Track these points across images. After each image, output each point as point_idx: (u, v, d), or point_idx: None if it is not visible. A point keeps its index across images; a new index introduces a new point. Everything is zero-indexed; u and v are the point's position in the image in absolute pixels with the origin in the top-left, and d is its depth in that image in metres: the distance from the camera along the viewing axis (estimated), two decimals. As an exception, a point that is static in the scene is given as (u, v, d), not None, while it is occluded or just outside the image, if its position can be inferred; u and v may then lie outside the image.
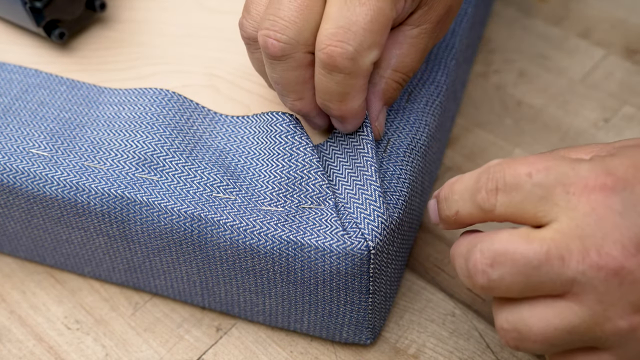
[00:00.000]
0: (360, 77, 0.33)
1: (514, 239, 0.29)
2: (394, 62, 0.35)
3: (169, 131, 0.38)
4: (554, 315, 0.29)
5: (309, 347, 0.40)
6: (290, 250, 0.35)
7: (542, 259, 0.28)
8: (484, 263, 0.30)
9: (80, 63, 0.43)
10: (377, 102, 0.36)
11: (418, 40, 0.35)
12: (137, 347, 0.41)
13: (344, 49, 0.32)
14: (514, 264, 0.29)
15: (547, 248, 0.28)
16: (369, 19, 0.32)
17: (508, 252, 0.29)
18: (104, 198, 0.37)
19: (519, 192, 0.30)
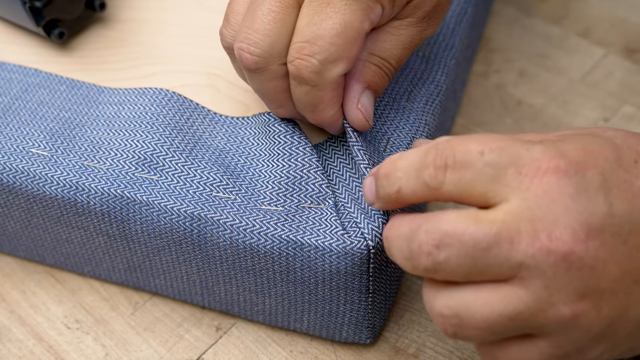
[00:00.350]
0: (328, 89, 0.33)
1: (462, 219, 0.28)
2: (370, 45, 0.35)
3: (168, 131, 0.38)
4: (498, 300, 0.28)
5: (309, 347, 0.40)
6: (290, 249, 0.35)
7: (491, 240, 0.27)
8: (429, 244, 0.28)
9: (80, 63, 0.43)
10: (355, 84, 0.35)
11: (400, 31, 0.35)
12: (137, 346, 0.41)
13: (310, 63, 0.32)
14: (462, 245, 0.28)
15: (496, 230, 0.28)
16: (334, 32, 0.32)
17: (456, 233, 0.28)
18: (104, 197, 0.37)
19: (469, 170, 0.29)
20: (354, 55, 0.33)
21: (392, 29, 0.35)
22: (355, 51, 0.33)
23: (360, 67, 0.35)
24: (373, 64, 0.35)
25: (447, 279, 0.29)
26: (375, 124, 0.38)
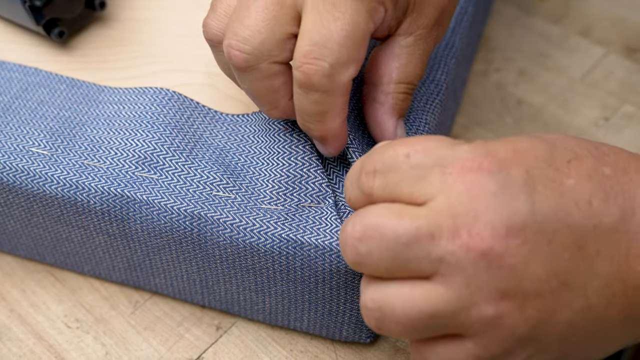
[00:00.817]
0: (338, 94, 0.32)
1: (385, 213, 0.28)
2: (396, 75, 0.34)
3: (169, 130, 0.38)
4: (419, 296, 0.28)
5: (309, 346, 0.40)
6: (290, 248, 0.35)
7: (411, 235, 0.27)
8: (354, 237, 0.29)
9: (80, 62, 0.43)
10: (389, 120, 0.35)
11: (415, 48, 0.34)
12: (137, 345, 0.41)
13: (320, 67, 0.31)
14: (383, 238, 0.28)
15: (417, 225, 0.27)
16: (344, 34, 0.31)
17: (378, 226, 0.28)
18: (104, 196, 0.37)
19: (396, 173, 0.29)
20: (362, 57, 0.32)
21: (407, 48, 0.34)
22: (363, 53, 0.32)
23: (391, 100, 0.35)
24: (402, 93, 0.35)
25: (372, 273, 0.29)
26: None
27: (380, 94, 0.35)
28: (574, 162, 0.29)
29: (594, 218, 0.28)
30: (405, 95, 0.35)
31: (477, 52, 0.54)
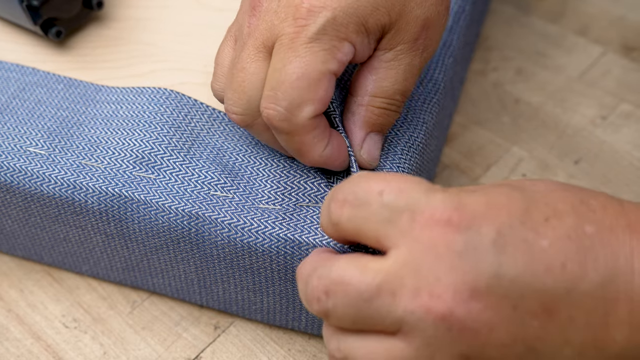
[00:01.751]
0: (302, 133, 0.33)
1: (350, 267, 0.28)
2: (371, 88, 0.34)
3: (166, 129, 0.38)
4: (382, 351, 0.27)
5: (307, 345, 0.40)
6: (288, 248, 0.35)
7: (373, 292, 0.27)
8: (319, 290, 0.28)
9: (78, 61, 0.43)
10: (358, 131, 0.35)
11: (396, 63, 0.34)
12: (135, 345, 0.40)
13: (276, 111, 0.32)
14: (346, 294, 0.28)
15: (379, 281, 0.27)
16: (295, 77, 0.31)
17: (343, 282, 0.28)
18: (102, 196, 0.37)
19: (366, 209, 0.28)
20: (320, 96, 0.32)
21: (387, 63, 0.34)
22: (322, 92, 0.32)
23: (362, 112, 0.35)
24: (376, 107, 0.34)
25: (338, 325, 0.29)
26: None
27: (354, 104, 0.35)
28: (552, 220, 0.27)
29: (568, 282, 0.26)
30: (381, 110, 0.34)
31: (475, 51, 0.54)
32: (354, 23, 0.32)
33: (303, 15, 0.31)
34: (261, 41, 0.33)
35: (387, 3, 0.32)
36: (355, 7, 0.32)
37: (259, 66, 0.33)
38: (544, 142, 0.48)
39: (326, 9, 0.31)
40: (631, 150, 0.48)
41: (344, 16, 0.32)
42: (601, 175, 0.47)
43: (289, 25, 0.32)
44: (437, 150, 0.44)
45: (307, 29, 0.31)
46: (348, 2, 0.32)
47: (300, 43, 0.31)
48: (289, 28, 0.32)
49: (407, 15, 0.33)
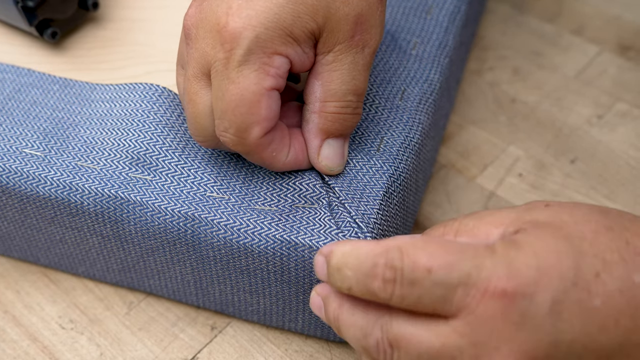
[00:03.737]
0: (259, 151, 0.34)
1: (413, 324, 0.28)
2: (319, 93, 0.34)
3: (160, 129, 0.38)
4: None
5: (304, 345, 0.40)
6: (284, 249, 0.35)
7: (435, 351, 0.28)
8: (385, 342, 0.29)
9: (73, 62, 0.43)
10: (313, 138, 0.35)
11: (338, 64, 0.33)
12: (131, 346, 0.40)
13: (229, 139, 0.33)
14: (410, 350, 0.28)
15: (439, 346, 0.28)
16: (234, 105, 0.32)
17: (406, 338, 0.28)
18: (98, 198, 0.37)
19: (417, 288, 0.28)
20: (264, 116, 0.32)
21: (329, 65, 0.33)
22: (264, 111, 0.32)
23: (316, 118, 0.34)
24: (329, 113, 0.34)
25: None
26: (369, 124, 0.38)
27: (307, 112, 0.35)
28: (602, 275, 0.27)
29: (621, 337, 0.27)
30: (333, 114, 0.34)
31: (471, 50, 0.54)
32: (279, 36, 0.32)
33: (228, 40, 0.32)
34: (199, 70, 0.33)
35: (309, 9, 0.32)
36: (276, 20, 0.32)
37: (203, 95, 0.34)
38: (540, 141, 0.49)
39: (247, 29, 0.32)
40: (627, 149, 0.48)
41: (267, 32, 0.32)
42: (597, 174, 0.47)
43: (218, 52, 0.32)
44: (433, 150, 0.44)
45: (235, 53, 0.32)
46: (268, 17, 0.32)
47: (232, 68, 0.32)
48: (219, 54, 0.32)
49: (335, 16, 0.33)
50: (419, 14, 0.43)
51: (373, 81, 0.40)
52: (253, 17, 0.31)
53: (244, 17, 0.32)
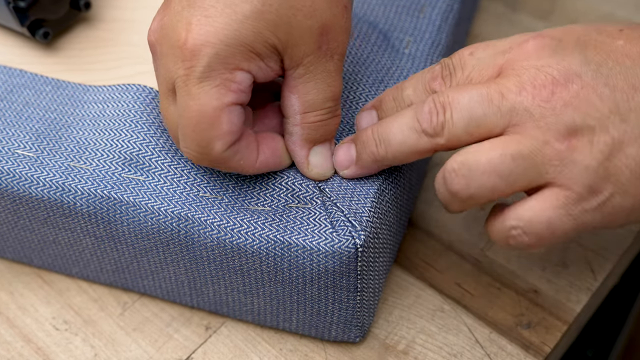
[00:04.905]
0: (225, 163, 0.34)
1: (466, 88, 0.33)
2: (298, 106, 0.34)
3: (153, 130, 0.38)
4: (498, 145, 0.31)
5: (299, 345, 0.40)
6: (278, 249, 0.35)
7: (483, 96, 0.32)
8: (436, 108, 0.33)
9: (66, 63, 0.42)
10: (299, 150, 0.36)
11: (310, 76, 0.34)
12: (126, 346, 0.40)
13: (192, 156, 0.34)
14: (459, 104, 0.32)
15: (487, 89, 0.32)
16: (195, 121, 0.32)
17: (455, 97, 0.32)
18: (90, 198, 0.36)
19: (465, 68, 0.34)
20: (225, 130, 0.33)
21: (302, 78, 0.34)
22: (226, 126, 0.32)
23: (299, 131, 0.35)
24: (312, 123, 0.35)
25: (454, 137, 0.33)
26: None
27: (288, 125, 0.35)
28: (626, 30, 0.33)
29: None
30: (316, 123, 0.35)
31: (464, 48, 0.54)
32: (240, 52, 0.32)
33: (188, 56, 0.32)
34: (165, 86, 0.34)
35: (269, 25, 0.32)
36: (237, 37, 0.32)
37: (172, 112, 0.34)
38: (533, 139, 0.49)
39: (207, 46, 0.32)
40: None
41: (227, 49, 0.32)
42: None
43: (179, 68, 0.32)
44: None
45: (196, 69, 0.32)
46: (227, 34, 0.32)
47: (193, 84, 0.32)
48: (180, 71, 0.32)
49: (298, 30, 0.33)
50: (411, 13, 0.43)
51: (365, 81, 0.40)
52: (212, 33, 0.32)
53: (203, 33, 0.32)
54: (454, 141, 0.33)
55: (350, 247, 0.34)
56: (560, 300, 0.41)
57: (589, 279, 0.42)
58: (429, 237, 0.44)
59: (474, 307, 0.41)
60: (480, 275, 0.43)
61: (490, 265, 0.43)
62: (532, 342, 0.40)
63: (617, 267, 0.44)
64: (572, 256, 0.43)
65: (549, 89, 0.31)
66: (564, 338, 0.41)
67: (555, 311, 0.41)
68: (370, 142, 0.35)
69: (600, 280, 0.42)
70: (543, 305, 0.41)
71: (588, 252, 0.44)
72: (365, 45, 0.41)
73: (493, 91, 0.32)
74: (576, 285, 0.42)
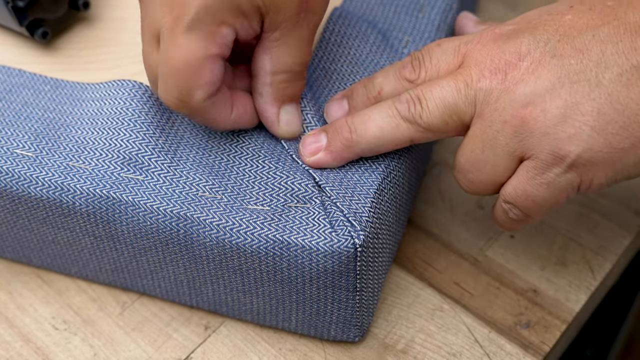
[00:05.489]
0: (202, 113, 0.35)
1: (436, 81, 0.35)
2: (270, 67, 0.36)
3: (152, 130, 0.38)
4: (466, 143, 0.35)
5: (298, 344, 0.40)
6: (277, 249, 0.35)
7: (452, 87, 0.34)
8: (413, 100, 0.35)
9: (64, 63, 0.42)
10: (270, 108, 0.37)
11: (285, 39, 0.35)
12: (125, 346, 0.40)
13: (171, 102, 0.34)
14: (433, 94, 0.35)
15: (454, 81, 0.34)
16: (179, 67, 0.33)
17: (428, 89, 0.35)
18: (89, 198, 0.36)
19: (433, 57, 0.36)
20: (207, 80, 0.34)
21: (277, 41, 0.35)
22: (208, 76, 0.34)
23: (269, 89, 0.36)
24: (281, 82, 0.36)
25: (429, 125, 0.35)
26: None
27: (258, 85, 0.37)
28: (576, 5, 0.34)
29: (592, 29, 0.33)
30: (285, 83, 0.36)
31: (463, 48, 0.54)
32: (228, 8, 0.33)
33: (176, 4, 0.33)
34: (150, 33, 0.35)
35: None
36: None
37: (154, 58, 0.35)
38: (532, 138, 0.49)
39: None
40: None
41: (216, 3, 0.33)
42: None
43: (166, 16, 0.33)
44: (426, 148, 0.44)
45: (183, 19, 0.33)
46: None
47: (179, 33, 0.33)
48: (167, 19, 0.33)
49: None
50: (410, 12, 0.43)
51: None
52: None
53: None
54: (433, 129, 0.35)
55: (350, 247, 0.34)
56: (560, 299, 0.41)
57: (588, 279, 0.42)
58: (428, 237, 0.44)
59: (473, 307, 0.41)
60: (480, 274, 0.43)
61: (490, 265, 0.43)
62: (531, 342, 0.40)
63: (616, 267, 0.44)
64: (571, 256, 0.43)
65: (502, 72, 0.33)
66: (563, 337, 0.41)
67: (555, 310, 0.41)
68: (344, 129, 0.36)
69: (599, 279, 0.42)
70: (542, 304, 0.41)
71: (587, 252, 0.44)
72: (364, 45, 0.41)
73: (459, 81, 0.34)
74: (575, 285, 0.42)
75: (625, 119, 0.32)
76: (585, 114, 0.32)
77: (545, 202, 0.34)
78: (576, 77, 0.32)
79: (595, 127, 0.32)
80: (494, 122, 0.33)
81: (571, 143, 0.32)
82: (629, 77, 0.32)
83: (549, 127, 0.32)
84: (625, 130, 0.32)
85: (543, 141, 0.32)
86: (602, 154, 0.32)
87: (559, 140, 0.32)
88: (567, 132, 0.32)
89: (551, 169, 0.33)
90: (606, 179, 0.33)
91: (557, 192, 0.33)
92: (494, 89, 0.33)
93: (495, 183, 0.35)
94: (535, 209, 0.34)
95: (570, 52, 0.33)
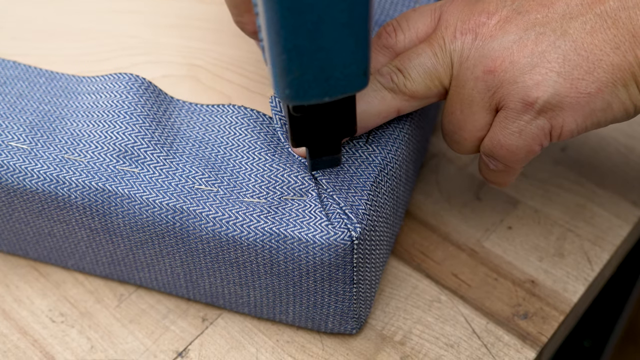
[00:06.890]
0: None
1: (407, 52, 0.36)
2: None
3: (148, 122, 0.38)
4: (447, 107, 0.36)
5: (295, 336, 0.40)
6: (273, 242, 0.35)
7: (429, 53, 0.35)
8: (394, 71, 0.36)
9: (60, 54, 0.42)
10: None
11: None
12: (122, 338, 0.40)
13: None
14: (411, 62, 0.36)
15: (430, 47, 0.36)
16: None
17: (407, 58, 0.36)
18: (85, 191, 0.36)
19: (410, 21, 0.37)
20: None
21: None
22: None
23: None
24: None
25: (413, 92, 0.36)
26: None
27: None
28: None
29: None
30: None
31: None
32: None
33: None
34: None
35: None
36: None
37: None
38: (530, 129, 0.48)
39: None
40: (617, 136, 0.48)
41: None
42: (588, 162, 0.47)
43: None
44: (423, 140, 0.44)
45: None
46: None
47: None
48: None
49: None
50: (407, 3, 0.43)
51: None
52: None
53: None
54: (418, 96, 0.36)
55: (346, 239, 0.34)
56: (557, 290, 0.41)
57: (586, 269, 0.42)
58: (426, 228, 0.44)
59: (471, 298, 0.41)
60: (477, 266, 0.43)
61: (487, 256, 0.43)
62: (529, 333, 0.40)
63: (614, 258, 0.44)
64: (569, 246, 0.43)
65: (472, 32, 0.35)
66: (560, 328, 0.41)
67: (552, 301, 0.41)
68: None
69: (597, 270, 0.42)
70: (540, 295, 0.41)
71: (585, 243, 0.43)
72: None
73: (434, 46, 0.35)
74: (573, 276, 0.42)
75: (590, 64, 0.33)
76: (551, 61, 0.33)
77: (519, 150, 0.35)
78: (542, 28, 0.33)
79: (562, 72, 0.33)
80: (467, 80, 0.35)
81: (538, 89, 0.33)
82: (593, 25, 0.33)
83: (517, 76, 0.33)
84: (590, 75, 0.33)
85: (512, 90, 0.34)
86: (569, 98, 0.33)
87: (527, 88, 0.33)
88: (534, 79, 0.33)
89: (521, 117, 0.34)
90: (576, 124, 0.34)
91: (529, 139, 0.34)
92: (465, 49, 0.35)
93: (479, 139, 0.36)
94: (511, 157, 0.36)
95: (536, 8, 0.34)
